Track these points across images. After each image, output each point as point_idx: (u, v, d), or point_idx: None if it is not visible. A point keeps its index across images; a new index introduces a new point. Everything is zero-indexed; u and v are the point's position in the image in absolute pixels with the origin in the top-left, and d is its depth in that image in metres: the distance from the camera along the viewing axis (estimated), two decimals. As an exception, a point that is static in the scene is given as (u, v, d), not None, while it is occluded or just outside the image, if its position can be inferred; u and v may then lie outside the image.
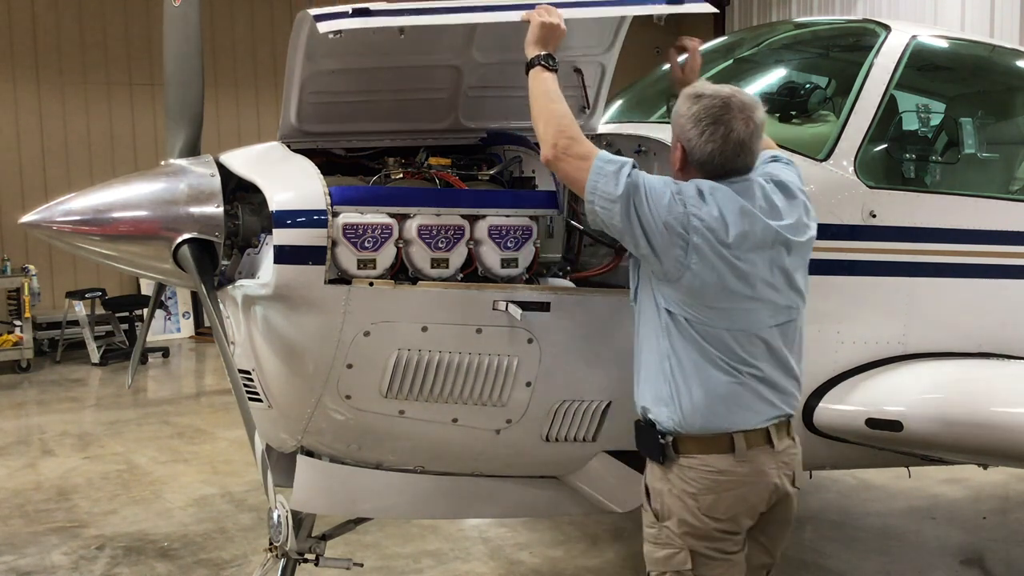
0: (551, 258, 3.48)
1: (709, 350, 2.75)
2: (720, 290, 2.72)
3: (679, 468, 2.79)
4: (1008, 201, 4.34)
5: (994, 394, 3.77)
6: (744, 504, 2.81)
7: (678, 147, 2.82)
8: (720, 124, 2.75)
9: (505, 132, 3.59)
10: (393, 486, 3.52)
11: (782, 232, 2.80)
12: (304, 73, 3.16)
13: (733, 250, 2.71)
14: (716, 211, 2.71)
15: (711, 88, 2.84)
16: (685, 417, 2.77)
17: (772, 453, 2.81)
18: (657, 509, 2.85)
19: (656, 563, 2.87)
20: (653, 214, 2.68)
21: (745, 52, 4.76)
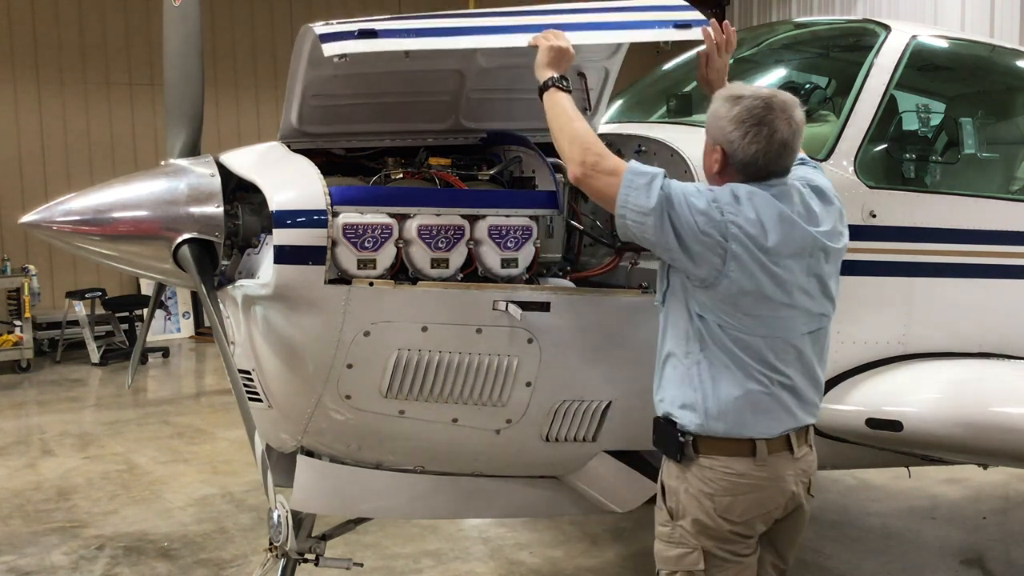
0: (551, 258, 3.48)
1: (741, 357, 2.72)
2: (757, 297, 2.69)
3: (698, 468, 2.78)
4: (1008, 201, 4.34)
5: (994, 394, 3.77)
6: (760, 508, 2.79)
7: (718, 150, 2.76)
8: (763, 125, 2.71)
9: (505, 132, 3.58)
10: (393, 486, 3.52)
11: (820, 238, 2.77)
12: (306, 78, 3.16)
13: (771, 256, 2.68)
14: (754, 216, 2.67)
15: (750, 89, 2.81)
16: (708, 422, 2.75)
17: (791, 460, 2.80)
18: (672, 507, 2.83)
19: (667, 562, 2.85)
20: (689, 224, 2.64)
21: (745, 52, 4.75)
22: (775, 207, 2.71)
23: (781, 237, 2.69)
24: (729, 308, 2.70)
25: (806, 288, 2.77)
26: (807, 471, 2.87)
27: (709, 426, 2.75)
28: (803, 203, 2.80)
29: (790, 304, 2.74)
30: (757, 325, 2.72)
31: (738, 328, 2.71)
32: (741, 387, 2.72)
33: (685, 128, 3.89)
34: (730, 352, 2.72)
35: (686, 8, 3.33)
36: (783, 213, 2.71)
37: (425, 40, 3.00)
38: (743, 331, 2.71)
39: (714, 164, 2.79)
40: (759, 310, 2.71)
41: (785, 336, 2.76)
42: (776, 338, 2.75)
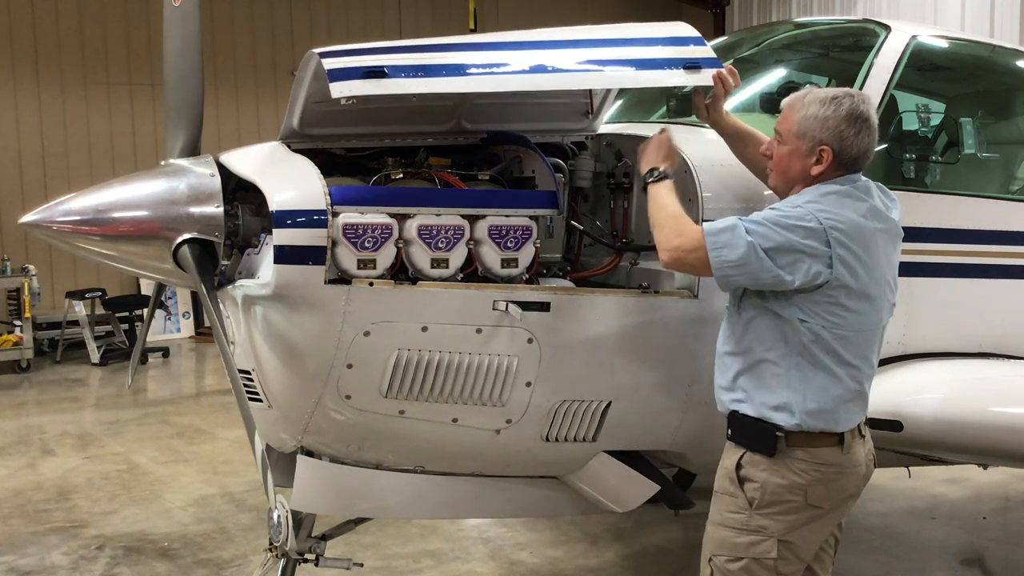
0: (551, 258, 3.48)
1: (841, 355, 2.83)
2: (860, 294, 2.81)
3: (791, 460, 2.85)
4: (1008, 201, 4.34)
5: (994, 394, 3.78)
6: (843, 493, 2.93)
7: (826, 150, 2.86)
8: (868, 120, 2.88)
9: (505, 132, 3.58)
10: (393, 486, 3.52)
11: (898, 226, 2.94)
12: (310, 89, 3.16)
13: (869, 251, 2.81)
14: (850, 215, 2.79)
15: (836, 90, 2.95)
16: (807, 420, 2.83)
17: (863, 443, 2.97)
18: (755, 497, 2.87)
19: (735, 548, 2.90)
20: (790, 245, 2.73)
21: (745, 52, 4.76)
22: (864, 203, 2.85)
23: (872, 231, 2.83)
24: (834, 307, 2.80)
25: (888, 279, 2.93)
26: (871, 449, 3.04)
27: (807, 424, 2.83)
28: (879, 196, 2.96)
29: (881, 296, 2.89)
30: (857, 320, 2.83)
31: (841, 326, 2.81)
32: (839, 385, 2.84)
33: (685, 128, 3.88)
34: (832, 351, 2.82)
35: (696, 41, 3.32)
36: (872, 207, 2.86)
37: (432, 81, 3.00)
38: (846, 328, 2.82)
39: (813, 166, 2.89)
40: (860, 306, 2.83)
41: (875, 328, 2.91)
42: (870, 331, 2.89)
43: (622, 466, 3.58)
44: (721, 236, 2.77)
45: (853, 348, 2.84)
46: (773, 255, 2.73)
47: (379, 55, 3.00)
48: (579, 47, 3.28)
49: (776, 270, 2.74)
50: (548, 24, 3.63)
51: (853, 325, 2.82)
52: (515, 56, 3.20)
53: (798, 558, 2.92)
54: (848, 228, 2.77)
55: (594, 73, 3.26)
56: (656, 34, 3.36)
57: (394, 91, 2.96)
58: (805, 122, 2.88)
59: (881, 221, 2.88)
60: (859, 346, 2.86)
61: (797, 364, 2.83)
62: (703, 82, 3.24)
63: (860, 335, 2.85)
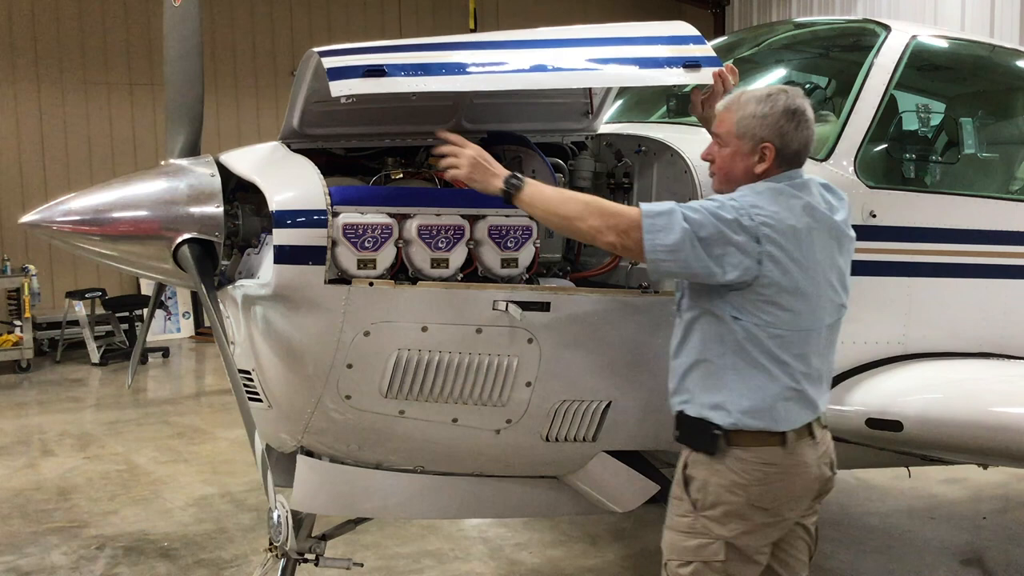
0: (551, 258, 3.48)
1: (776, 354, 2.79)
2: (793, 292, 2.77)
3: (731, 460, 2.82)
4: (1008, 201, 4.34)
5: (994, 394, 3.78)
6: (789, 494, 2.87)
7: (768, 146, 2.84)
8: (805, 112, 2.87)
9: (505, 132, 3.58)
10: (393, 486, 3.52)
11: (840, 225, 2.89)
12: (310, 88, 3.16)
13: (802, 249, 2.77)
14: (784, 212, 2.76)
15: (769, 87, 2.94)
16: (743, 419, 2.81)
17: (814, 445, 2.91)
18: (698, 499, 2.86)
19: (684, 552, 2.88)
20: (722, 237, 2.70)
21: (745, 52, 4.76)
22: (799, 200, 2.81)
23: (808, 228, 2.79)
24: (767, 306, 2.76)
25: (830, 279, 2.87)
26: (828, 451, 2.98)
27: (744, 423, 2.81)
28: (820, 194, 2.92)
29: (819, 295, 2.84)
30: (792, 319, 2.79)
31: (774, 324, 2.78)
32: (776, 383, 2.80)
33: (685, 128, 3.89)
34: (766, 350, 2.79)
35: (696, 40, 3.32)
36: (807, 204, 2.82)
37: (432, 80, 3.01)
38: (780, 327, 2.78)
39: (756, 164, 2.86)
40: (794, 304, 2.79)
41: (814, 328, 2.85)
42: (807, 331, 2.84)
43: (622, 466, 3.58)
44: (659, 219, 2.72)
45: (789, 347, 2.80)
46: (706, 245, 2.70)
47: (379, 54, 3.00)
48: (579, 46, 3.29)
49: (707, 260, 2.70)
50: (548, 25, 3.63)
51: (787, 324, 2.78)
52: (515, 55, 3.20)
53: (749, 560, 2.87)
54: (779, 225, 2.73)
55: (594, 72, 3.26)
56: (656, 33, 3.37)
57: (393, 90, 2.96)
58: (744, 122, 2.86)
59: (817, 220, 2.82)
60: (795, 345, 2.81)
61: (732, 363, 2.80)
62: (703, 80, 3.25)
63: (796, 334, 2.80)
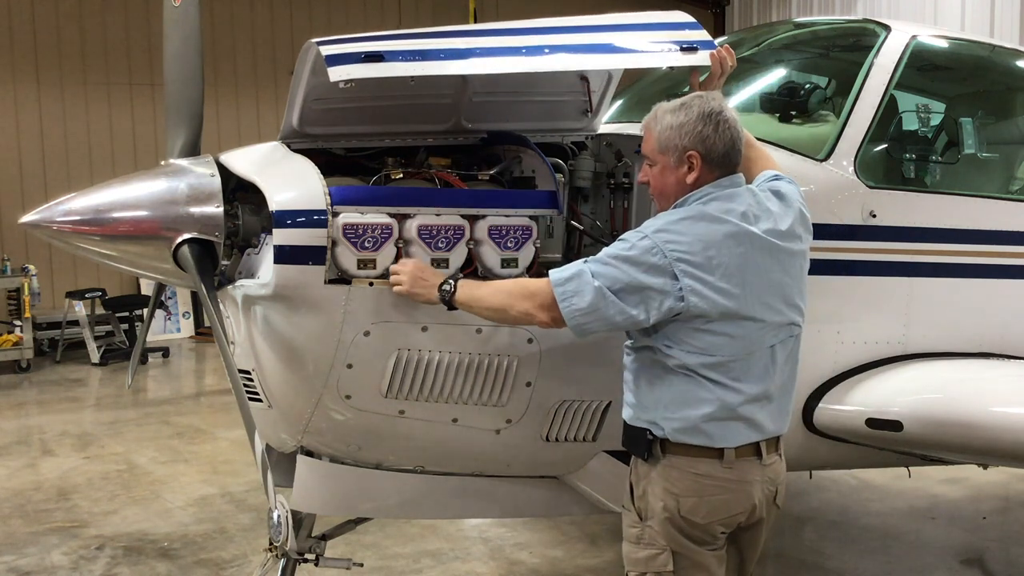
0: (551, 258, 3.47)
1: (707, 378, 2.72)
2: (722, 318, 2.69)
3: (664, 467, 2.79)
4: (1008, 201, 4.34)
5: (994, 394, 3.77)
6: (725, 512, 2.80)
7: (693, 155, 2.78)
8: (722, 114, 2.79)
9: (505, 132, 3.58)
10: (393, 486, 3.52)
11: (771, 239, 2.77)
12: (309, 85, 3.16)
13: (729, 276, 2.69)
14: (698, 244, 2.67)
15: (684, 97, 2.88)
16: (671, 436, 2.76)
17: (759, 465, 2.82)
18: (640, 508, 2.85)
19: (637, 563, 2.85)
20: (636, 284, 2.64)
21: (745, 52, 4.75)
22: (721, 225, 2.71)
23: (732, 255, 2.70)
24: (698, 334, 2.70)
25: (767, 300, 2.77)
26: (775, 479, 2.88)
27: (674, 437, 2.76)
28: (757, 203, 2.83)
29: (756, 317, 2.74)
30: (727, 344, 2.72)
31: (707, 351, 2.71)
32: (708, 406, 2.73)
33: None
34: (700, 375, 2.73)
35: (693, 26, 3.32)
36: (730, 230, 2.71)
37: (430, 64, 3.01)
38: (713, 353, 2.72)
39: (686, 175, 2.80)
40: (727, 329, 2.71)
41: (751, 351, 2.76)
42: (747, 354, 2.75)
43: (622, 466, 3.55)
44: (568, 285, 2.69)
45: (726, 371, 2.72)
46: (621, 296, 2.65)
47: (377, 42, 3.00)
48: (577, 32, 3.28)
49: (628, 310, 2.65)
50: (548, 24, 3.63)
51: (721, 350, 2.71)
52: (513, 40, 3.20)
53: (699, 567, 2.81)
54: (696, 258, 2.65)
55: (592, 55, 3.25)
56: (653, 20, 3.37)
57: (392, 74, 2.95)
58: (663, 135, 2.82)
59: (742, 242, 2.71)
60: (733, 369, 2.73)
61: (666, 386, 2.75)
62: (700, 62, 3.24)
63: (731, 360, 2.72)
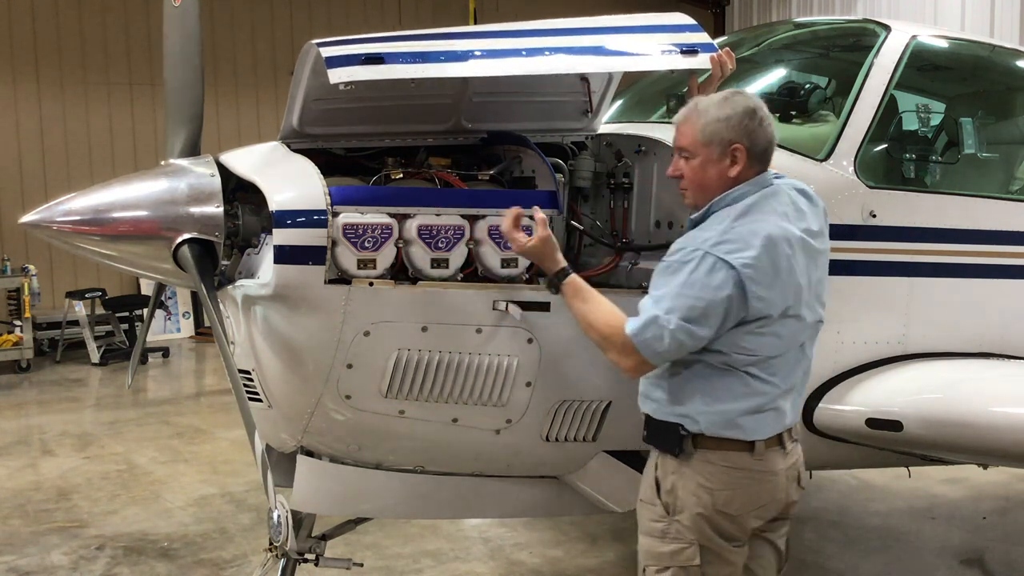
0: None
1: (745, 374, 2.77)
2: (775, 320, 2.74)
3: (697, 463, 2.81)
4: (1008, 201, 4.34)
5: (994, 394, 3.77)
6: (756, 502, 2.85)
7: (738, 148, 2.80)
8: (764, 110, 2.84)
9: (505, 132, 3.58)
10: (393, 486, 3.52)
11: (807, 239, 2.83)
12: (309, 85, 3.16)
13: (783, 278, 2.74)
14: (760, 249, 2.70)
15: (723, 92, 2.91)
16: (707, 429, 2.80)
17: (783, 455, 2.87)
18: (668, 503, 2.85)
19: (660, 558, 2.86)
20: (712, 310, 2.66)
21: (745, 52, 4.75)
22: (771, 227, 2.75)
23: (786, 257, 2.74)
24: (749, 336, 2.74)
25: (809, 300, 2.84)
26: (796, 465, 2.95)
27: (710, 430, 2.80)
28: (792, 202, 2.88)
29: (799, 317, 2.81)
30: (771, 343, 2.77)
31: (754, 351, 2.76)
32: (747, 401, 2.78)
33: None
34: (741, 372, 2.77)
35: (693, 28, 3.33)
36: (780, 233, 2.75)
37: (431, 67, 3.00)
38: (759, 353, 2.76)
39: (728, 168, 2.82)
40: (776, 330, 2.77)
41: (789, 348, 2.82)
42: (785, 352, 2.81)
43: (622, 466, 3.58)
44: (647, 334, 2.69)
45: (765, 368, 2.78)
46: (697, 322, 2.67)
47: (377, 43, 3.00)
48: (577, 34, 3.28)
49: (699, 333, 2.68)
50: (548, 25, 3.63)
51: (766, 349, 2.76)
52: (513, 42, 3.20)
53: (725, 562, 2.85)
54: (762, 263, 2.69)
55: (593, 57, 3.25)
56: (654, 22, 3.37)
57: (392, 76, 2.95)
58: (708, 128, 2.82)
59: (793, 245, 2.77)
60: (772, 365, 2.79)
61: (704, 381, 2.78)
62: (700, 65, 3.24)
63: (775, 357, 2.79)
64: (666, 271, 2.76)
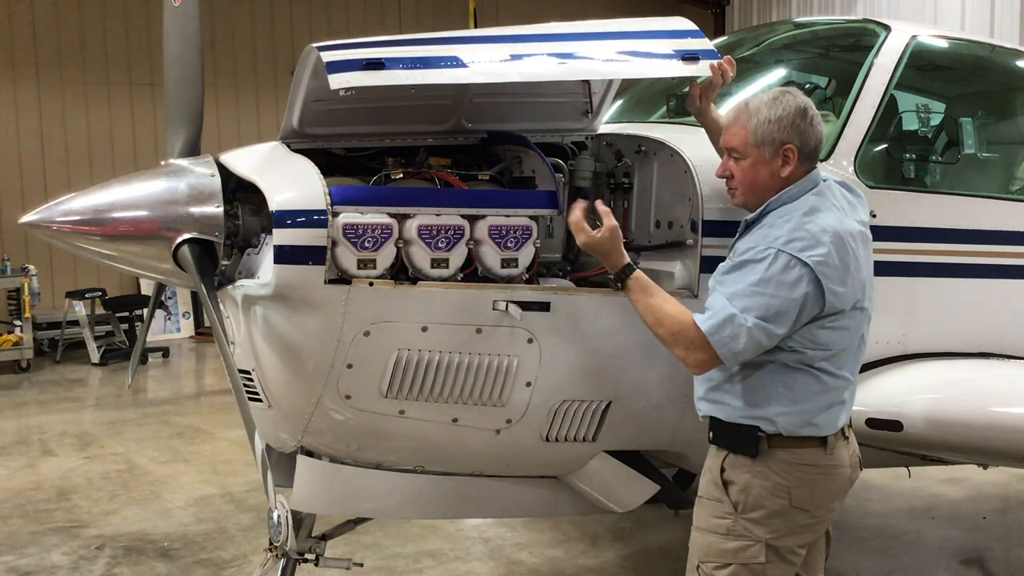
0: (551, 258, 3.48)
1: (825, 368, 2.80)
2: (842, 315, 2.78)
3: (774, 462, 2.83)
4: (1008, 201, 4.34)
5: (994, 394, 3.78)
6: (830, 496, 2.92)
7: (789, 148, 2.83)
8: (813, 108, 2.87)
9: (505, 132, 3.58)
10: (393, 486, 3.52)
11: (864, 231, 2.89)
12: (309, 87, 3.16)
13: (851, 272, 2.77)
14: (831, 245, 2.72)
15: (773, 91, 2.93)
16: (784, 429, 2.82)
17: (847, 444, 2.95)
18: (740, 501, 2.86)
19: (723, 554, 2.87)
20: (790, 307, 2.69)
21: (745, 52, 4.76)
22: (833, 220, 2.79)
23: (852, 252, 2.79)
24: (821, 331, 2.78)
25: (868, 291, 2.89)
26: (855, 451, 3.03)
27: (787, 430, 2.82)
28: (842, 195, 2.94)
29: (862, 308, 2.86)
30: (841, 337, 2.81)
31: (826, 346, 2.79)
32: (822, 397, 2.82)
33: (685, 128, 3.89)
34: (815, 368, 2.80)
35: (695, 35, 3.32)
36: (844, 227, 2.79)
37: (431, 73, 2.99)
38: (831, 347, 2.80)
39: (780, 168, 2.85)
40: (846, 323, 2.81)
41: (854, 340, 2.87)
42: (849, 346, 2.86)
43: (622, 466, 3.58)
44: (724, 333, 2.71)
45: (835, 361, 2.83)
46: (774, 320, 2.70)
47: (378, 48, 3.00)
48: (578, 40, 3.28)
49: (775, 331, 2.71)
50: (548, 26, 3.63)
51: (838, 343, 2.81)
52: (514, 48, 3.20)
53: (787, 562, 2.89)
54: (835, 259, 2.72)
55: (594, 64, 3.25)
56: (655, 27, 3.37)
57: (393, 82, 2.95)
58: (760, 128, 2.83)
59: (855, 238, 2.82)
60: (840, 358, 2.84)
61: (780, 380, 2.80)
62: (701, 73, 3.25)
63: (844, 350, 2.84)
64: (736, 269, 2.78)
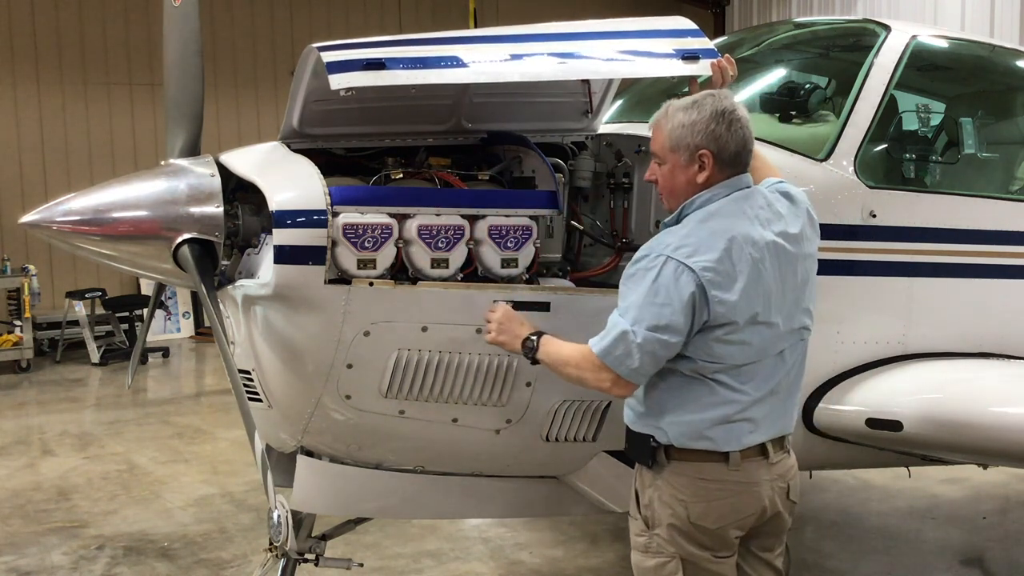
0: (551, 258, 3.48)
1: (720, 381, 2.69)
2: (741, 327, 2.67)
3: (670, 474, 2.75)
4: (1008, 201, 4.34)
5: (994, 394, 3.78)
6: (735, 515, 2.77)
7: (705, 154, 2.73)
8: (735, 112, 2.74)
9: (505, 132, 3.58)
10: (393, 486, 3.52)
11: (781, 243, 2.75)
12: (309, 87, 3.16)
13: (748, 285, 2.66)
14: (721, 252, 2.63)
15: (696, 95, 2.83)
16: (676, 440, 2.74)
17: (767, 465, 2.79)
18: (647, 516, 2.81)
19: (646, 572, 2.82)
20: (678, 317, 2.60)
21: (745, 52, 4.76)
22: (736, 230, 2.68)
23: (751, 263, 2.67)
24: (716, 344, 2.67)
25: (782, 308, 2.75)
26: (784, 476, 2.84)
27: (679, 442, 2.73)
28: (768, 205, 2.80)
29: (768, 323, 2.72)
30: (740, 351, 2.69)
31: (722, 359, 2.68)
32: (715, 411, 2.70)
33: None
34: (710, 380, 2.70)
35: (695, 34, 3.32)
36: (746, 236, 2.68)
37: (431, 73, 2.99)
38: (727, 360, 2.69)
39: (697, 174, 2.75)
40: (743, 337, 2.68)
41: (763, 356, 2.74)
42: (758, 360, 2.73)
43: (622, 466, 3.57)
44: (616, 352, 2.64)
45: (739, 376, 2.69)
46: (666, 331, 2.60)
47: (378, 48, 3.00)
48: (578, 39, 3.28)
49: (673, 339, 2.62)
50: (548, 26, 3.63)
51: (735, 357, 2.68)
52: (514, 48, 3.20)
53: (711, 572, 2.78)
54: (724, 266, 2.63)
55: (594, 63, 3.25)
56: (655, 27, 3.37)
57: (393, 83, 2.95)
58: (674, 133, 2.76)
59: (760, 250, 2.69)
60: (743, 374, 2.70)
61: (676, 385, 2.72)
62: (701, 72, 3.23)
63: (746, 364, 2.70)
64: (630, 279, 2.71)
